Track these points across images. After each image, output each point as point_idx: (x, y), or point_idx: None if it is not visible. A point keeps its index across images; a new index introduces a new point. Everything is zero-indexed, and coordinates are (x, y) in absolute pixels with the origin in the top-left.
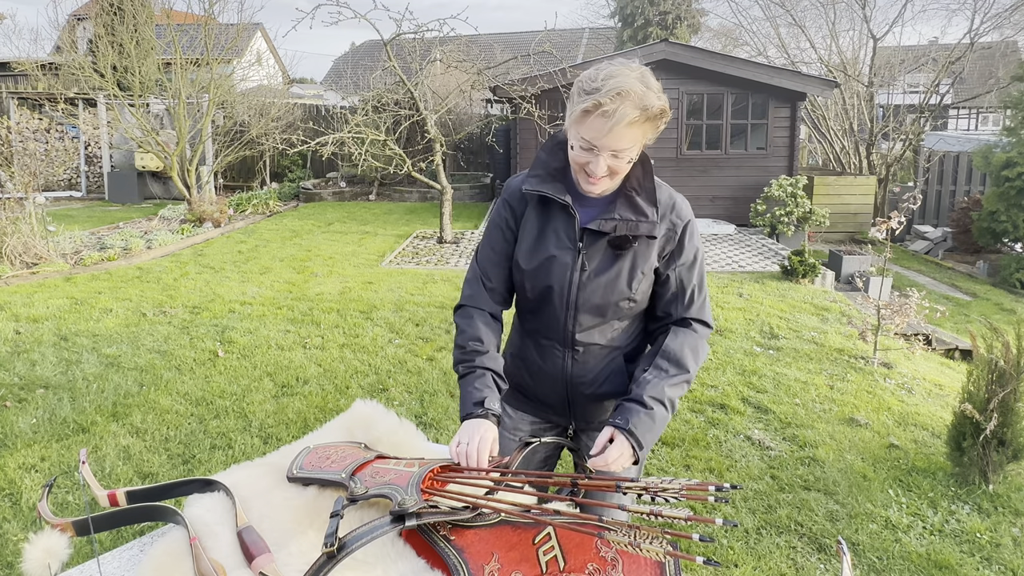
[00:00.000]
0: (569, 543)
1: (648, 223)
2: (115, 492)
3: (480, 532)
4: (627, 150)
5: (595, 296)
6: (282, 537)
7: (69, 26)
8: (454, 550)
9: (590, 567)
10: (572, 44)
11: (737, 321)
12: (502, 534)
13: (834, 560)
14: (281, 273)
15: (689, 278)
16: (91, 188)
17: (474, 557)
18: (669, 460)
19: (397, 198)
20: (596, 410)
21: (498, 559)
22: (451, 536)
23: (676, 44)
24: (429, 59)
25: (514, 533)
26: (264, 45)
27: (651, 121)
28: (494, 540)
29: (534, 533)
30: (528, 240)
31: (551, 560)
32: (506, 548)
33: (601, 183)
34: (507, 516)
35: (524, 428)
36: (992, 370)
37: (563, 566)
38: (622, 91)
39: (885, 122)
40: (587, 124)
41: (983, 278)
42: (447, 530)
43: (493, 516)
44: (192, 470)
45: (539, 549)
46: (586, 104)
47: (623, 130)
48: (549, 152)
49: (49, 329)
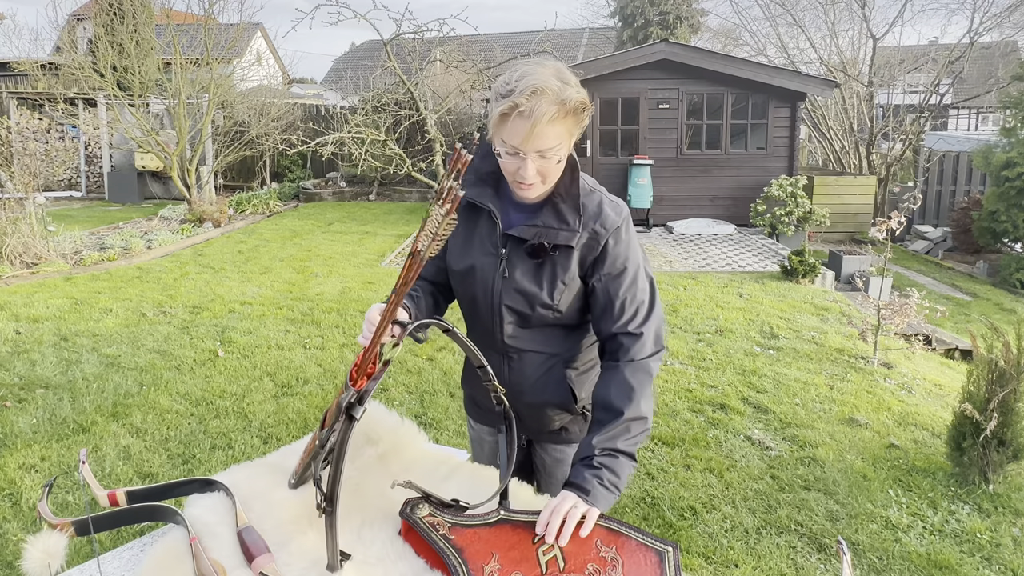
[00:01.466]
0: (568, 544)
1: (568, 231)
2: (115, 492)
3: (479, 532)
4: (553, 149)
5: (517, 303)
6: (282, 537)
7: (69, 26)
8: (454, 550)
9: (590, 567)
10: (572, 44)
11: (737, 321)
12: (501, 533)
13: (834, 560)
14: (281, 273)
15: (616, 289)
16: (91, 188)
17: (473, 557)
18: (669, 460)
19: (397, 198)
20: (540, 420)
21: (498, 559)
22: (450, 535)
23: (676, 44)
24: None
25: (513, 532)
26: (264, 45)
27: (573, 116)
28: (493, 540)
29: (533, 533)
30: (456, 245)
31: (551, 560)
32: (505, 548)
33: (534, 188)
34: (506, 515)
35: (487, 439)
36: (992, 370)
37: (563, 566)
38: (537, 89)
39: (885, 122)
40: (508, 128)
41: (983, 278)
42: (446, 529)
43: (492, 516)
44: (192, 470)
45: (539, 549)
46: (503, 107)
47: (545, 128)
48: (481, 157)
49: (49, 329)
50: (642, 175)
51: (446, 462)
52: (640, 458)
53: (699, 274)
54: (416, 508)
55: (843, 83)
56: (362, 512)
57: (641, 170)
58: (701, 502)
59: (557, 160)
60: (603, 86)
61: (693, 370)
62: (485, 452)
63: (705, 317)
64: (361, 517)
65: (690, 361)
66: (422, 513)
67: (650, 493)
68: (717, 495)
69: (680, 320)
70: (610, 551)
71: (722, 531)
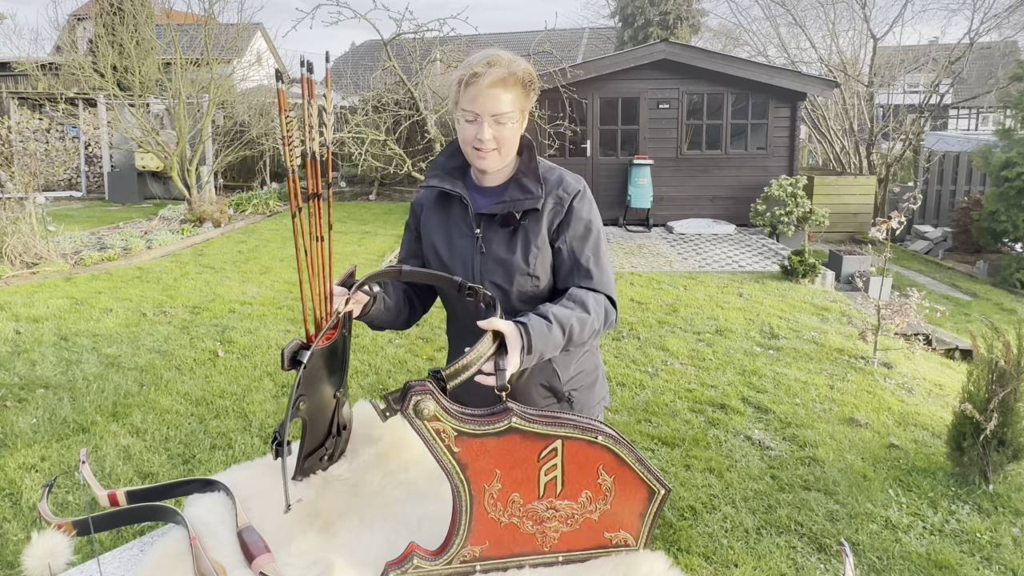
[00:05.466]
0: (572, 464)
1: (533, 199)
2: (115, 492)
3: (486, 443)
4: (506, 115)
5: (496, 276)
6: (282, 537)
7: (69, 26)
8: (458, 466)
9: (585, 495)
10: (572, 44)
11: (737, 321)
12: (508, 446)
13: (834, 560)
14: (281, 273)
15: (581, 249)
16: (91, 188)
17: (476, 476)
18: (669, 460)
19: (397, 198)
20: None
21: (500, 478)
22: (456, 448)
23: (676, 44)
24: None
25: (521, 445)
26: (264, 45)
27: (522, 87)
28: (499, 454)
29: (542, 447)
30: (438, 237)
31: (551, 482)
32: (509, 465)
33: (490, 156)
34: (516, 424)
35: None
36: (992, 370)
37: (560, 490)
38: (490, 59)
39: (885, 122)
40: (466, 94)
41: (983, 278)
42: (452, 440)
43: (502, 421)
44: (192, 470)
45: (542, 468)
46: (462, 74)
47: (497, 91)
48: (447, 155)
49: (49, 329)
50: (642, 175)
51: None
52: None
53: (699, 274)
54: (422, 405)
55: (843, 83)
56: (361, 512)
57: (641, 170)
58: (701, 502)
59: (510, 128)
60: (603, 86)
61: (693, 370)
62: None
63: (705, 317)
64: (360, 517)
65: (690, 361)
66: (427, 414)
67: None
68: (717, 495)
69: (680, 320)
70: (608, 480)
71: (722, 531)
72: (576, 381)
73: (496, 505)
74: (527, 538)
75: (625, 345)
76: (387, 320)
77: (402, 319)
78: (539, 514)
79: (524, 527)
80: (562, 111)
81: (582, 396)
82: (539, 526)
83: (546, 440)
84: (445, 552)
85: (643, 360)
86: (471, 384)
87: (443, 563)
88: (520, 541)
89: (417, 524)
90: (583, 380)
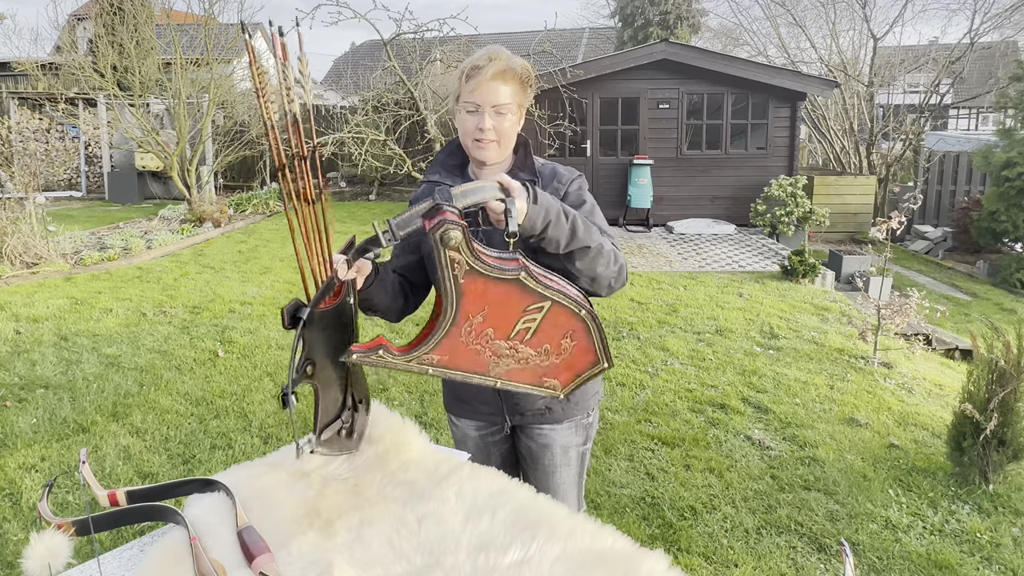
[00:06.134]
0: (549, 323)
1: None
2: (115, 492)
3: (489, 284)
4: (505, 106)
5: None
6: (282, 537)
7: (69, 26)
8: (456, 294)
9: (545, 347)
10: (572, 44)
11: (737, 321)
12: (506, 293)
13: (834, 560)
14: (281, 273)
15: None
16: (91, 188)
17: (467, 307)
18: (669, 460)
19: (397, 198)
20: (527, 395)
21: (484, 315)
22: (462, 279)
23: (676, 44)
24: (429, 59)
25: (517, 295)
26: (264, 45)
27: (520, 83)
28: (496, 296)
29: (533, 302)
30: None
31: (524, 329)
32: (498, 307)
33: (490, 147)
34: (524, 279)
35: (471, 434)
36: (992, 370)
37: (528, 338)
38: (491, 54)
39: (885, 122)
40: (467, 86)
41: (983, 278)
42: (463, 272)
43: (512, 271)
44: (192, 470)
45: (523, 317)
46: (464, 68)
47: (497, 83)
48: (447, 153)
49: (49, 329)
50: (642, 175)
51: (446, 462)
52: (640, 458)
53: (699, 274)
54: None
55: (843, 83)
56: (361, 511)
57: (641, 170)
58: (701, 502)
59: (509, 121)
60: (603, 86)
61: (693, 370)
62: (470, 449)
63: (705, 317)
64: (360, 516)
65: (690, 361)
66: (452, 244)
67: (650, 493)
68: (717, 495)
69: (680, 320)
70: (571, 344)
71: (722, 531)
72: None
73: (471, 334)
74: (481, 362)
75: (625, 345)
76: (384, 302)
77: (397, 305)
78: (501, 350)
79: (483, 355)
80: (562, 111)
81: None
82: (495, 358)
83: (540, 299)
84: (410, 353)
85: (643, 360)
86: None
87: (404, 360)
88: (474, 363)
89: (417, 524)
90: None
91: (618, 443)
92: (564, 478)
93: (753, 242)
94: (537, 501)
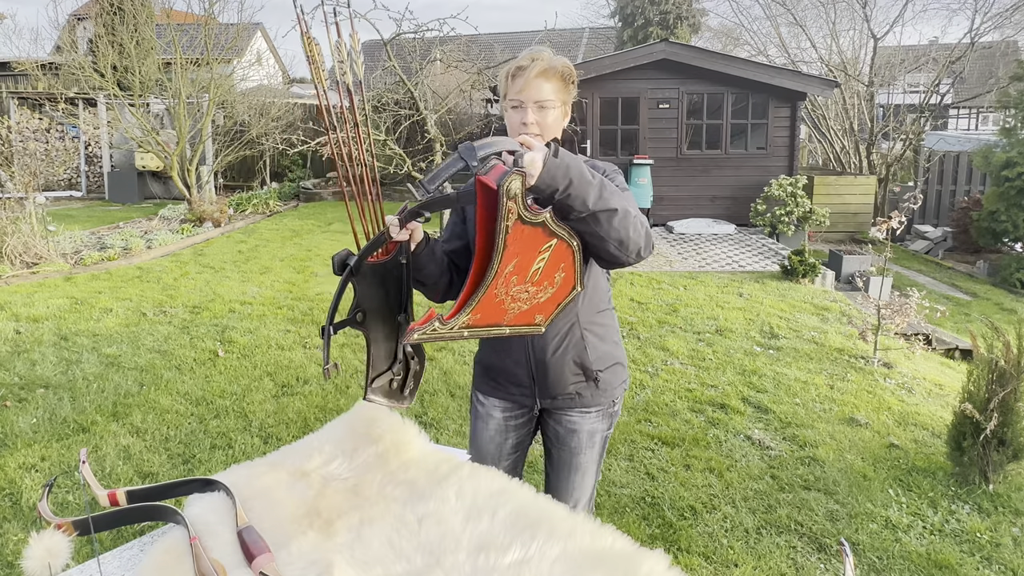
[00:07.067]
0: (552, 259)
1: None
2: (115, 492)
3: (524, 231)
4: (548, 102)
5: None
6: (282, 537)
7: (69, 26)
8: (504, 246)
9: (545, 283)
10: (572, 44)
11: (737, 321)
12: (533, 236)
13: (834, 560)
14: (281, 273)
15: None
16: (91, 188)
17: (507, 258)
18: (669, 460)
19: (397, 198)
20: (560, 377)
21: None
22: (512, 229)
23: (676, 44)
24: (429, 59)
25: (540, 236)
26: (264, 45)
27: (562, 80)
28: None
29: (546, 241)
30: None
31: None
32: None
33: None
34: (547, 221)
35: (496, 415)
36: (992, 370)
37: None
38: (535, 55)
39: (885, 122)
40: (512, 85)
41: (983, 278)
42: (514, 220)
43: (539, 216)
44: (192, 470)
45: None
46: (509, 69)
47: (540, 81)
48: None
49: (49, 329)
50: (642, 175)
51: (446, 462)
52: (640, 458)
53: (699, 274)
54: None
55: (843, 83)
56: (361, 511)
57: (641, 170)
58: (701, 502)
59: (552, 117)
60: (603, 86)
61: (693, 370)
62: (490, 429)
63: (705, 317)
64: (360, 516)
65: (690, 361)
66: (512, 193)
67: (650, 493)
68: (717, 495)
69: (680, 320)
70: (560, 276)
71: (722, 531)
72: (602, 362)
73: (502, 286)
74: (502, 312)
75: (625, 345)
76: (434, 273)
77: (444, 281)
78: (518, 295)
79: (505, 303)
80: None
81: (607, 376)
82: (513, 303)
83: (552, 237)
84: (456, 318)
85: (643, 360)
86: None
87: (448, 328)
88: (497, 315)
89: (417, 524)
90: (608, 362)
91: (618, 443)
92: (588, 457)
93: (753, 242)
94: (537, 501)
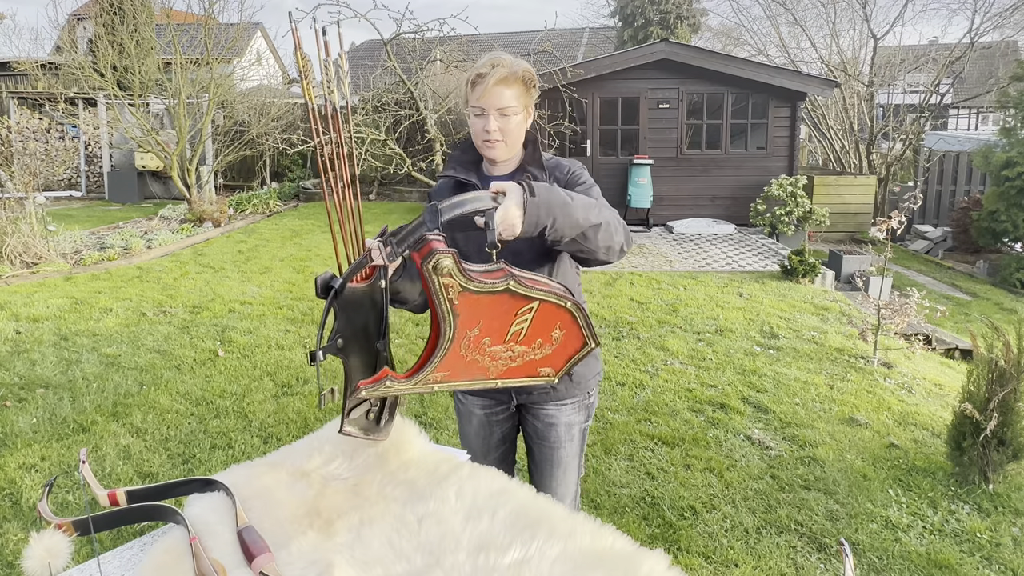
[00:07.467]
0: (539, 320)
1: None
2: (115, 492)
3: (481, 299)
4: (509, 108)
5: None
6: (282, 537)
7: (69, 26)
8: (452, 315)
9: (538, 342)
10: (572, 44)
11: (737, 321)
12: (498, 303)
13: (834, 560)
14: (281, 273)
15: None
16: (91, 188)
17: (463, 324)
18: (669, 460)
19: (397, 198)
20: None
21: (480, 327)
22: (456, 300)
23: (676, 44)
24: (429, 59)
25: (509, 302)
26: (264, 45)
27: (523, 84)
28: (488, 308)
29: (523, 305)
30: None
31: (517, 331)
32: (492, 317)
33: (498, 146)
34: (513, 287)
35: (477, 412)
36: (992, 370)
37: (522, 338)
38: (495, 60)
39: (885, 122)
40: (473, 92)
41: (983, 278)
42: (456, 294)
43: (501, 283)
44: (192, 470)
45: (515, 320)
46: (470, 76)
47: (501, 88)
48: (462, 150)
49: (49, 329)
50: (642, 175)
51: (446, 462)
52: (640, 458)
53: (699, 274)
54: (443, 263)
55: (843, 83)
56: (361, 511)
57: (641, 170)
58: (701, 502)
59: (515, 122)
60: (603, 86)
61: (693, 370)
62: (473, 425)
63: (705, 317)
64: (360, 516)
65: (690, 361)
66: (444, 271)
67: (650, 493)
68: (717, 495)
69: (680, 320)
70: (560, 334)
71: (722, 531)
72: None
73: (469, 347)
74: (481, 368)
75: (625, 345)
76: (412, 294)
77: (423, 299)
78: (499, 354)
79: (482, 362)
80: (562, 111)
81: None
82: (493, 361)
83: (529, 301)
84: (415, 376)
85: (643, 360)
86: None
87: (411, 384)
88: (475, 371)
89: (417, 524)
90: None
91: (618, 443)
92: (568, 451)
93: (753, 242)
94: (537, 501)
